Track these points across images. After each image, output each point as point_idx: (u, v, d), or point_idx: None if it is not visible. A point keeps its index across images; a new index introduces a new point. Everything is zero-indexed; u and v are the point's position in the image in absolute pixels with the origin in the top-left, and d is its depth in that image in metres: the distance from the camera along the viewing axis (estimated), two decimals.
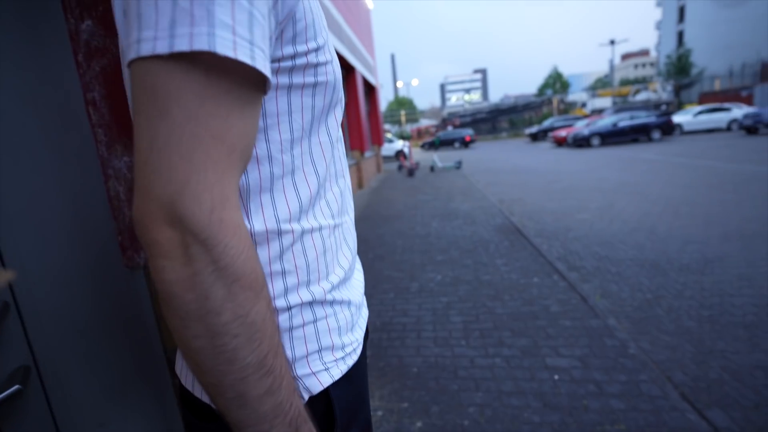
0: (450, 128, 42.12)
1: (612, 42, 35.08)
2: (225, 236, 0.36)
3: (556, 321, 2.62)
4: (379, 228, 5.73)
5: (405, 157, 15.54)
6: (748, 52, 38.04)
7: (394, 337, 2.61)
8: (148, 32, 0.33)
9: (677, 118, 19.54)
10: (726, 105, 20.33)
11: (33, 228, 0.81)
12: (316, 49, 0.45)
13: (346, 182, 0.59)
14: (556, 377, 2.04)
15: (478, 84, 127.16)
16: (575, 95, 47.38)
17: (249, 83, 0.38)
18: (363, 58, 11.20)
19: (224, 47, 0.34)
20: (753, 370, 1.99)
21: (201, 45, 0.33)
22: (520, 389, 1.98)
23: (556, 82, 44.75)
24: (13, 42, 0.83)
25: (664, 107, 29.34)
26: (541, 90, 47.76)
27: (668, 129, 17.67)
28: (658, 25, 51.80)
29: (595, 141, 17.79)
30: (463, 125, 43.91)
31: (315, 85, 0.47)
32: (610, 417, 1.74)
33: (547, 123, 28.13)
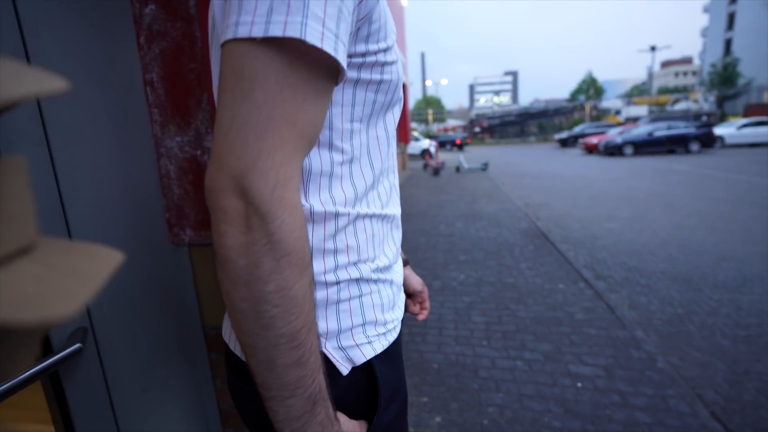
0: (477, 129, 41.58)
1: (653, 48, 33.81)
2: (282, 213, 0.38)
3: (581, 328, 2.57)
4: (403, 225, 5.74)
5: (431, 156, 15.47)
6: None
7: (415, 332, 2.62)
8: (247, 17, 0.37)
9: (719, 130, 18.67)
10: None
11: (94, 201, 0.85)
12: (385, 50, 0.48)
13: (396, 178, 0.61)
14: (579, 384, 2.01)
15: (509, 86, 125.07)
16: (609, 102, 45.96)
17: (326, 74, 0.41)
18: None
19: (314, 37, 0.37)
20: None
21: (294, 32, 0.36)
22: (541, 394, 1.95)
23: (590, 88, 43.50)
24: (81, 21, 0.88)
25: (704, 118, 28.08)
26: (574, 95, 46.55)
27: (708, 141, 16.93)
28: (704, 32, 49.61)
29: (628, 150, 17.22)
30: (491, 127, 43.30)
31: (380, 82, 0.49)
32: (635, 429, 1.70)
33: (577, 129, 27.41)
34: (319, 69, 0.40)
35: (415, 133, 25.16)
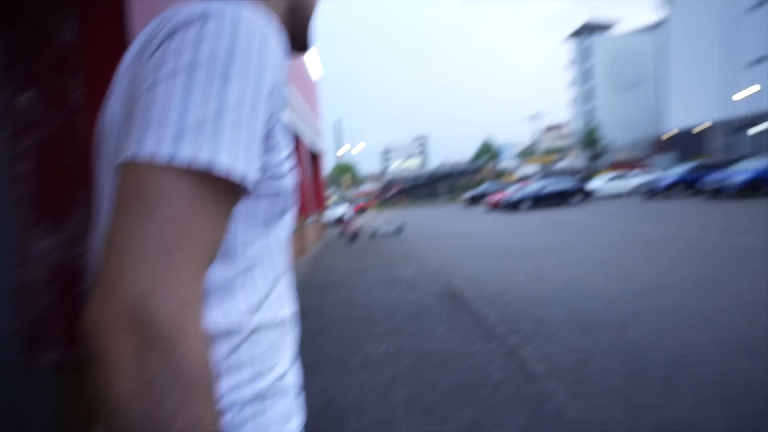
0: (391, 192, 43.64)
1: (533, 117, 39.66)
2: (188, 339, 0.35)
3: (498, 390, 2.63)
4: (320, 298, 5.59)
5: (346, 222, 15.69)
6: (644, 128, 44.70)
7: (334, 421, 2.45)
8: (151, 136, 0.35)
9: (593, 184, 21.98)
10: (630, 172, 23.32)
11: None
12: (281, 161, 0.49)
13: (288, 274, 0.60)
14: None
15: (419, 150, 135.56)
16: (506, 162, 51.94)
17: (232, 193, 0.40)
18: (308, 126, 11.60)
19: (224, 165, 0.37)
20: (673, 424, 2.10)
21: (201, 160, 0.36)
22: None
23: (488, 151, 49.03)
24: None
25: (581, 174, 32.94)
26: (476, 157, 51.89)
27: (586, 194, 19.74)
28: (572, 103, 59.72)
29: (525, 205, 19.30)
30: (404, 190, 45.80)
31: (276, 192, 0.49)
32: None
33: (482, 188, 30.22)
34: (225, 190, 0.39)
35: (333, 198, 25.47)
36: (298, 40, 0.62)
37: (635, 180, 21.96)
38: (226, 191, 0.39)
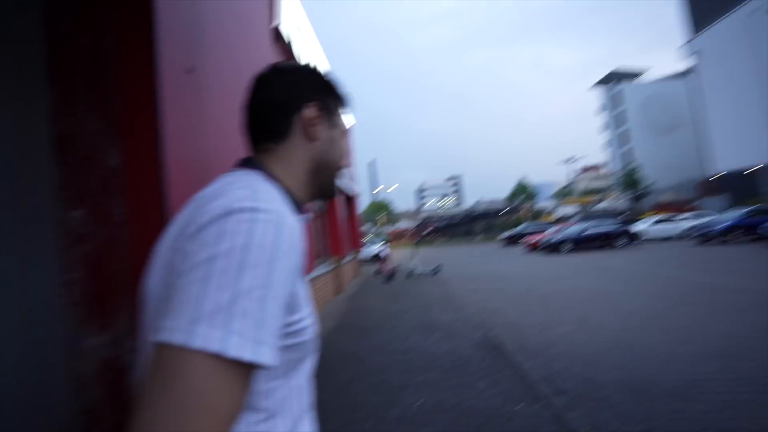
0: (427, 231, 43.44)
1: (569, 160, 38.98)
2: None
3: None
4: (356, 341, 5.49)
5: (382, 260, 15.64)
6: (686, 170, 42.86)
7: None
8: (171, 322, 0.41)
9: (637, 227, 20.93)
10: (679, 216, 22.10)
11: None
12: (300, 319, 0.52)
13: (312, 413, 0.62)
14: None
15: (453, 189, 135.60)
16: (543, 202, 50.77)
17: (246, 369, 0.44)
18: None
19: (233, 349, 0.41)
20: None
21: (212, 346, 0.40)
22: None
23: (524, 192, 48.26)
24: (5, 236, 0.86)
25: (624, 215, 31.56)
26: (511, 197, 51.13)
27: (631, 237, 18.78)
28: (607, 145, 58.43)
29: (565, 247, 18.57)
30: (439, 228, 45.48)
31: (298, 344, 0.53)
32: None
33: (519, 228, 29.52)
34: (243, 368, 0.43)
35: (369, 236, 25.61)
36: (324, 192, 0.69)
37: (685, 223, 20.73)
38: (240, 368, 0.43)
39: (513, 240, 28.30)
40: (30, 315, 0.86)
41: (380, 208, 59.85)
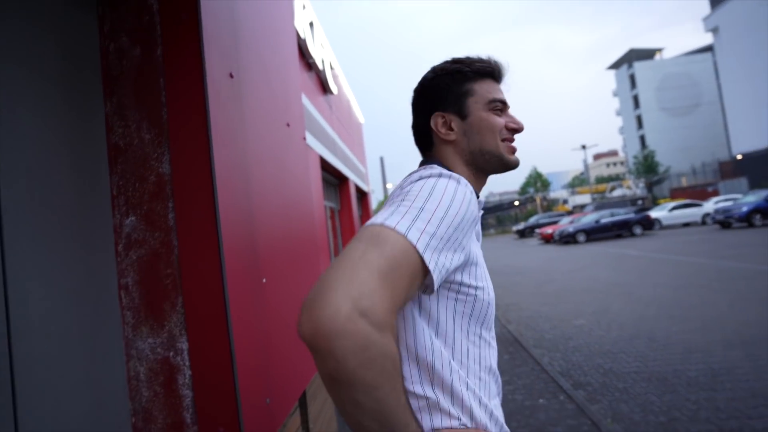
0: None
1: (583, 147, 38.37)
2: (391, 333, 0.53)
3: None
4: None
5: None
6: (703, 153, 41.84)
7: None
8: (380, 217, 0.60)
9: (654, 214, 20.55)
10: (697, 201, 21.62)
11: (50, 411, 0.82)
12: (472, 278, 0.70)
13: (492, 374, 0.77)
14: None
15: None
16: (556, 192, 50.13)
17: (422, 276, 0.60)
18: (356, 168, 12.00)
19: (413, 237, 0.58)
20: None
21: (400, 228, 0.58)
22: None
23: (537, 181, 47.68)
24: (61, 232, 0.93)
25: (640, 203, 30.98)
26: (524, 188, 50.60)
27: (648, 224, 18.48)
28: (621, 131, 57.32)
29: (581, 237, 18.37)
30: None
31: (474, 298, 0.70)
32: None
33: (532, 220, 29.24)
34: (420, 265, 0.58)
35: None
36: (496, 170, 0.84)
37: (704, 208, 20.29)
38: (414, 255, 0.58)
39: (526, 232, 28.06)
40: (91, 317, 0.93)
41: None
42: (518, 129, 0.83)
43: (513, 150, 0.84)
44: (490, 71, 0.83)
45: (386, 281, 0.52)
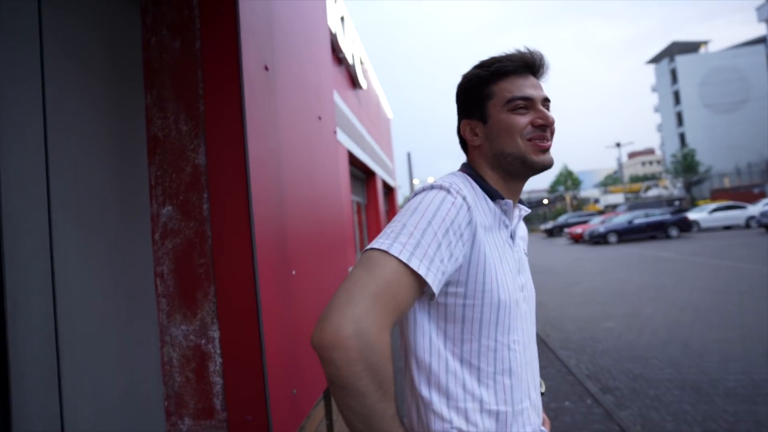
0: None
1: (618, 144, 36.96)
2: (383, 349, 0.59)
3: None
4: (395, 335, 5.59)
5: None
6: (749, 153, 39.49)
7: None
8: (381, 240, 0.66)
9: (693, 215, 19.59)
10: (741, 203, 20.45)
11: (90, 388, 0.86)
12: (482, 280, 0.71)
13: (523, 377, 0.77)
14: None
15: None
16: (587, 191, 48.57)
17: (419, 284, 0.65)
18: (383, 163, 12.01)
19: (394, 251, 0.64)
20: None
21: (382, 247, 0.65)
22: None
23: (567, 180, 46.35)
24: (102, 222, 0.97)
25: (677, 203, 29.61)
26: (553, 186, 49.31)
27: (685, 226, 17.65)
28: (659, 128, 54.82)
29: (612, 238, 17.76)
30: None
31: (483, 301, 0.71)
32: None
33: (561, 219, 28.48)
34: (415, 279, 0.64)
35: None
36: (520, 173, 0.81)
37: (749, 210, 19.16)
38: (415, 279, 0.64)
39: (555, 231, 27.38)
40: (128, 303, 0.97)
41: None
42: (545, 124, 0.78)
43: (541, 149, 0.78)
44: (513, 69, 0.79)
45: (379, 300, 0.61)
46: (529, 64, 0.80)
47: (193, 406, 0.98)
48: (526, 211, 0.89)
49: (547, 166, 0.79)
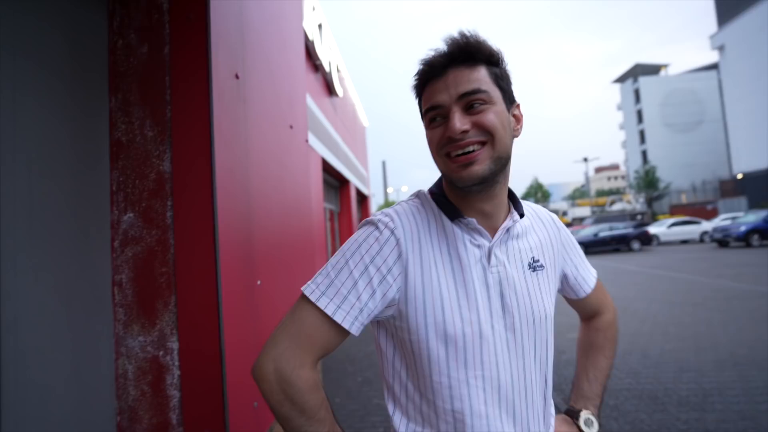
0: None
1: (585, 159, 38.47)
2: (300, 384, 0.65)
3: None
4: (368, 345, 5.56)
5: None
6: (704, 171, 42.02)
7: None
8: (309, 281, 0.69)
9: (653, 229, 20.59)
10: (696, 219, 21.68)
11: (35, 404, 0.81)
12: (408, 318, 0.69)
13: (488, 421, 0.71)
14: None
15: None
16: (556, 204, 50.20)
17: (335, 325, 0.67)
18: (357, 171, 12.02)
19: (308, 291, 0.68)
20: None
21: (302, 288, 0.69)
22: None
23: (537, 192, 47.77)
24: (56, 229, 0.93)
25: (639, 217, 31.01)
26: (523, 198, 50.54)
27: (646, 240, 18.50)
28: (624, 145, 57.49)
29: None
30: None
31: (411, 339, 0.70)
32: None
33: None
34: (331, 322, 0.67)
35: None
36: (456, 187, 0.70)
37: (703, 226, 20.33)
38: (322, 315, 0.66)
39: None
40: (82, 313, 0.93)
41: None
42: (451, 136, 0.64)
43: (460, 163, 0.65)
44: (431, 71, 0.67)
45: (295, 340, 0.66)
46: (446, 56, 0.66)
47: (147, 421, 0.94)
48: (535, 217, 0.82)
49: (467, 183, 0.66)
